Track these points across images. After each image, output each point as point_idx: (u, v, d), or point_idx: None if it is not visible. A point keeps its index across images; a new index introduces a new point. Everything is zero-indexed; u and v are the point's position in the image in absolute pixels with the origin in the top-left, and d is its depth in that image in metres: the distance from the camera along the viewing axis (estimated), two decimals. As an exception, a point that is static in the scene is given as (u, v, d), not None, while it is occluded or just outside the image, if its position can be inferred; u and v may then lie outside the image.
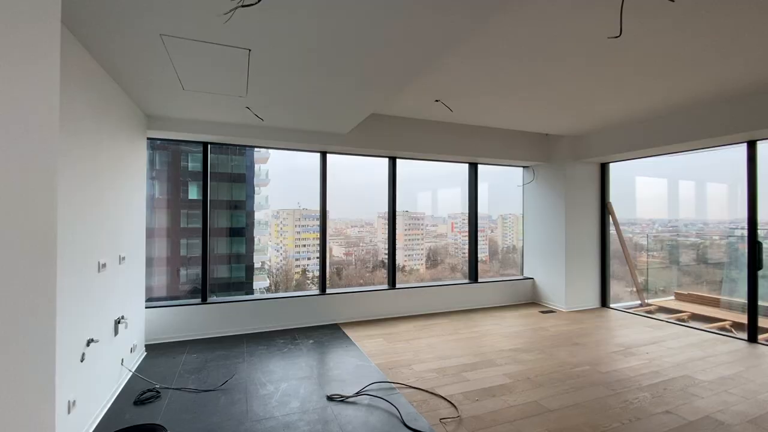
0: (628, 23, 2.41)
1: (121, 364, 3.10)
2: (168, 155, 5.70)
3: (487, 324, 4.87)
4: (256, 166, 6.53)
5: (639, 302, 6.09)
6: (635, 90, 3.65)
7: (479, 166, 5.93)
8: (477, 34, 2.58)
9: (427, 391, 2.98)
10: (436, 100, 4.05)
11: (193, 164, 5.05)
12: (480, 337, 4.32)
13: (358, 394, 2.93)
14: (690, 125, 4.28)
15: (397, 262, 6.23)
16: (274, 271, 6.75)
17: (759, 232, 4.17)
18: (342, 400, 2.85)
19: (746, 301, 4.23)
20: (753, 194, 4.15)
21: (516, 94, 3.83)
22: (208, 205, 4.51)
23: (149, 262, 5.09)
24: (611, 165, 5.85)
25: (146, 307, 4.00)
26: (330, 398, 2.87)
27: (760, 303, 4.20)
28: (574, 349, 3.95)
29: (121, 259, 3.07)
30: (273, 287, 6.54)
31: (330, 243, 6.44)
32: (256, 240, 6.55)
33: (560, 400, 2.86)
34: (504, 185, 6.64)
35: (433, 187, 6.66)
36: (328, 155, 4.92)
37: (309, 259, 6.16)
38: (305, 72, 2.78)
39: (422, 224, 6.68)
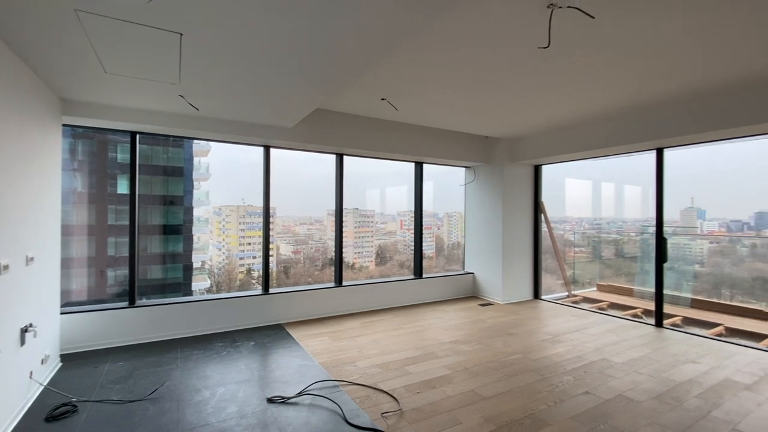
0: (557, 37, 2.60)
1: (30, 377, 2.77)
2: (93, 145, 5.17)
3: (430, 318, 5.02)
4: (196, 160, 6.13)
5: (566, 294, 6.64)
6: (563, 99, 3.95)
7: (425, 165, 6.08)
8: (420, 35, 2.64)
9: (370, 387, 3.01)
10: (382, 99, 4.08)
11: (123, 155, 4.65)
12: (423, 331, 4.44)
13: (300, 394, 2.88)
14: (609, 133, 4.73)
15: (347, 260, 6.22)
16: (215, 271, 6.40)
17: (665, 229, 4.72)
18: (283, 401, 2.78)
19: (654, 290, 4.79)
20: (660, 196, 4.70)
21: (456, 97, 3.97)
22: (137, 200, 4.16)
23: (68, 263, 4.59)
24: (543, 167, 6.30)
25: (62, 313, 3.60)
26: (270, 400, 2.79)
27: (665, 292, 4.77)
28: (508, 339, 4.20)
29: (29, 259, 2.73)
30: (214, 288, 6.19)
31: (277, 241, 6.24)
32: (195, 238, 6.16)
33: (495, 387, 3.03)
34: (449, 184, 6.88)
35: (382, 185, 6.73)
36: (272, 150, 4.76)
37: (255, 258, 5.93)
38: (244, 62, 2.66)
39: (372, 222, 6.73)
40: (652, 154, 4.76)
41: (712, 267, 6.34)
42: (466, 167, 6.60)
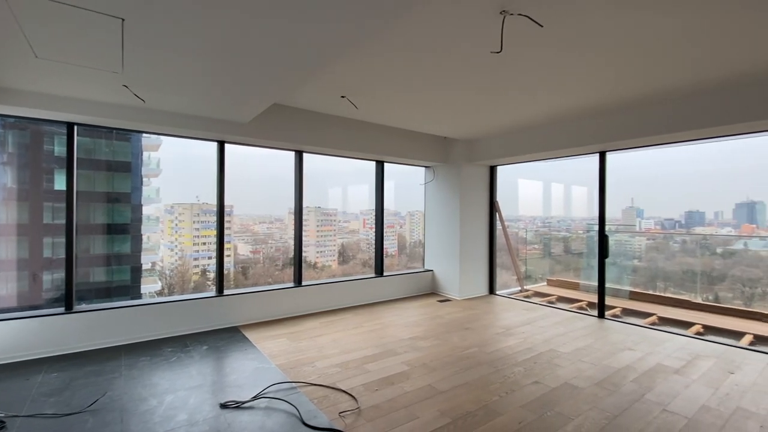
0: (509, 43, 2.71)
1: (-56, 395, 2.48)
2: (26, 136, 4.73)
3: (390, 315, 5.07)
4: (145, 154, 5.76)
5: (519, 288, 6.96)
6: (514, 103, 4.13)
7: (386, 164, 6.12)
8: (380, 37, 2.65)
9: (328, 387, 2.99)
10: (342, 96, 4.06)
11: (60, 148, 4.28)
12: (383, 329, 4.48)
13: (255, 398, 2.80)
14: (557, 136, 5.01)
15: (309, 259, 6.12)
16: (167, 272, 6.05)
17: (608, 227, 5.07)
18: (237, 406, 2.69)
19: (597, 284, 5.13)
20: (602, 196, 5.04)
21: (414, 98, 4.04)
22: (74, 196, 3.85)
23: (-9, 265, 4.17)
24: (498, 168, 6.55)
25: (-15, 322, 3.26)
26: (224, 406, 2.69)
27: (607, 285, 5.13)
28: (465, 333, 4.34)
29: (-57, 263, 2.44)
30: (166, 290, 5.86)
31: (235, 240, 6.02)
32: (144, 238, 5.79)
33: (451, 381, 3.12)
34: (410, 184, 6.98)
35: (345, 184, 6.69)
36: (227, 145, 4.58)
37: (210, 258, 5.67)
38: (193, 53, 2.54)
39: (335, 220, 6.67)
40: (596, 157, 5.10)
41: (649, 261, 6.91)
42: (426, 167, 6.71)
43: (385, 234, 6.82)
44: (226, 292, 4.60)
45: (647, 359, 3.60)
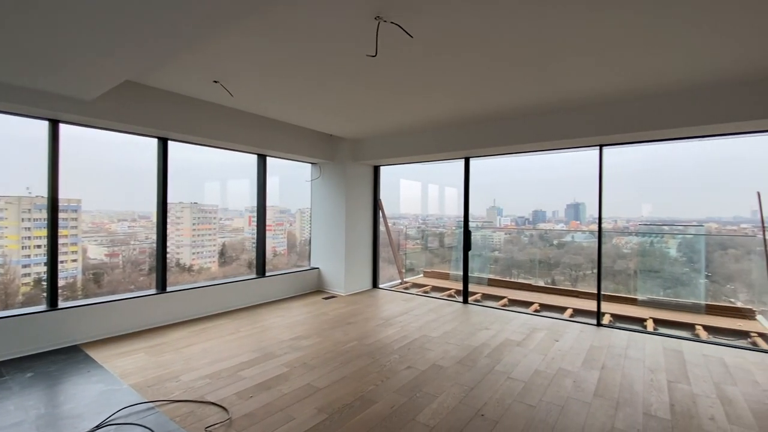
0: (384, 47, 2.85)
1: None
2: None
3: (272, 317, 4.87)
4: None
5: (400, 281, 7.43)
6: (392, 108, 4.37)
7: (269, 159, 5.83)
8: (255, 20, 2.50)
9: (194, 401, 2.72)
10: (215, 81, 3.71)
11: None
12: (263, 332, 4.27)
13: (99, 427, 2.38)
14: (432, 141, 5.48)
15: (183, 262, 5.45)
16: (-23, 283, 4.66)
17: (476, 224, 5.76)
18: (72, 440, 2.24)
19: (462, 274, 5.80)
20: (467, 197, 5.71)
21: (293, 91, 3.95)
22: None
23: None
24: (382, 168, 6.86)
25: None
26: (52, 443, 2.21)
27: (472, 274, 5.84)
28: (347, 328, 4.43)
29: None
30: (-23, 307, 4.51)
31: (84, 242, 4.98)
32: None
33: (330, 377, 3.15)
34: (299, 180, 6.79)
35: (225, 178, 6.13)
36: (62, 125, 3.76)
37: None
38: (9, 5, 2.01)
39: (215, 218, 6.05)
40: (462, 162, 5.75)
41: (506, 253, 8.12)
42: (312, 164, 6.62)
43: (273, 232, 6.52)
44: (62, 304, 3.79)
45: (498, 336, 4.22)
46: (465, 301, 5.74)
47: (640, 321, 5.21)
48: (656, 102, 3.89)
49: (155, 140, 4.51)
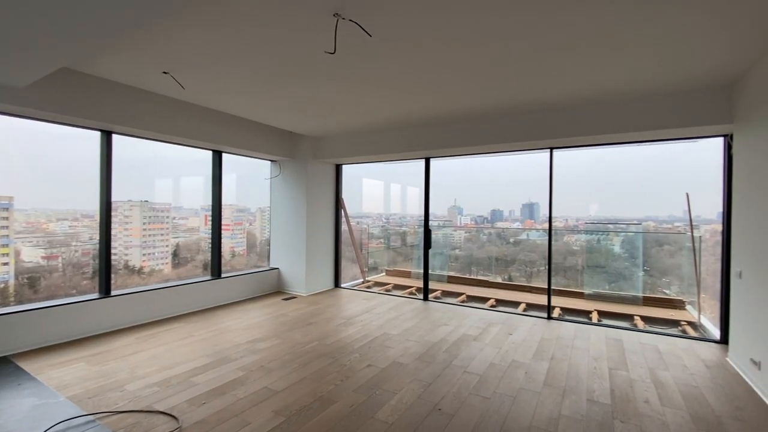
0: (342, 46, 2.83)
1: None
2: None
3: (228, 320, 4.70)
4: None
5: (362, 280, 7.43)
6: (352, 106, 4.36)
7: (225, 155, 5.61)
8: (207, 7, 2.39)
9: (141, 411, 2.57)
10: (165, 72, 3.52)
11: None
12: (218, 335, 4.11)
13: (29, 444, 2.18)
14: (391, 141, 5.53)
15: (132, 263, 5.12)
16: None
17: (437, 222, 5.87)
18: (-3, 461, 2.05)
19: (422, 272, 5.90)
20: (427, 196, 5.81)
21: (248, 86, 3.83)
22: None
23: None
24: (344, 166, 6.82)
25: None
26: (-27, 465, 2.00)
27: (432, 272, 5.95)
28: (307, 329, 4.37)
29: None
30: None
31: (16, 243, 4.53)
32: None
33: (288, 379, 3.09)
34: (259, 178, 6.58)
35: (179, 175, 5.81)
36: (-11, 117, 3.41)
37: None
38: None
39: (167, 217, 5.72)
40: (422, 162, 5.84)
41: (465, 251, 8.34)
42: (272, 161, 6.46)
43: (232, 232, 6.27)
44: (-14, 312, 3.44)
45: (456, 331, 4.34)
46: (425, 299, 5.84)
47: (586, 313, 5.55)
48: (600, 109, 4.16)
49: (98, 133, 4.20)
